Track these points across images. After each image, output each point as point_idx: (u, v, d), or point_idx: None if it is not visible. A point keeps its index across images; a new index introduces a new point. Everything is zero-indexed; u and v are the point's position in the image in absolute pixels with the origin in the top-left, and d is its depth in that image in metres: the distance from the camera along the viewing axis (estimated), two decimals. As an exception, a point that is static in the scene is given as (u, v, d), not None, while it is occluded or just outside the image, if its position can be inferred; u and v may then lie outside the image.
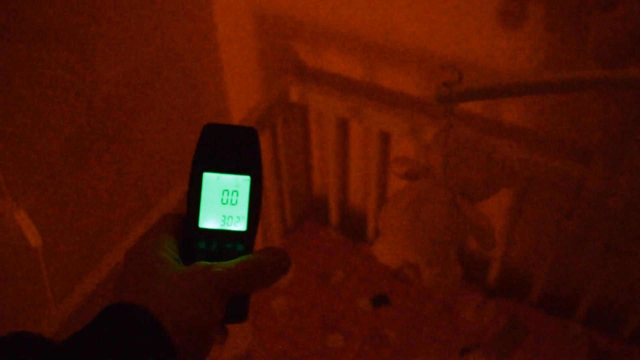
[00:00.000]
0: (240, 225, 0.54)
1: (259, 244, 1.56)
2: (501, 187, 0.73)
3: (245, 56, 1.50)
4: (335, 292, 1.48)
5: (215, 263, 0.51)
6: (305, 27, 1.36)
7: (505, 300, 1.44)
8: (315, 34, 1.35)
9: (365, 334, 1.40)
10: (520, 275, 1.48)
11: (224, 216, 0.54)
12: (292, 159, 1.55)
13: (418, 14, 1.20)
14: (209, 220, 0.54)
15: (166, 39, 1.35)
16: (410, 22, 1.22)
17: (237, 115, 1.64)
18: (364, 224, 1.60)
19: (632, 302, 1.33)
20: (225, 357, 1.37)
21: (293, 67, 1.44)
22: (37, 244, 1.14)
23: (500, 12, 1.08)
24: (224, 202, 0.54)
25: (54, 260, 1.24)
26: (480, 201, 0.75)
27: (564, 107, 1.16)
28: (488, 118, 1.26)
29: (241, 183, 0.54)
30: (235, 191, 0.54)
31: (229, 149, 0.54)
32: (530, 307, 1.42)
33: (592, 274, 1.31)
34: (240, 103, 1.62)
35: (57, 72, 1.13)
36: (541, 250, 1.37)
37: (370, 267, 1.52)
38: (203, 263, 0.51)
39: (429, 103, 1.30)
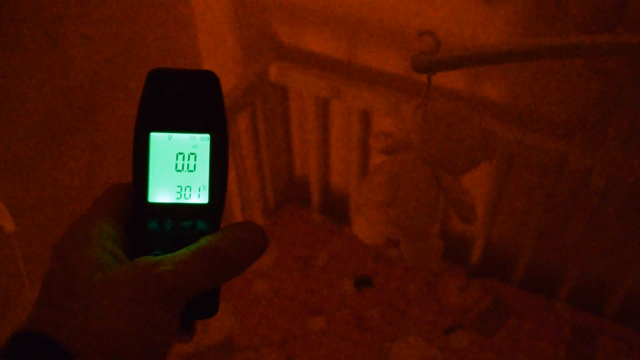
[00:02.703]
0: (202, 197, 0.43)
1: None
2: (482, 161, 0.71)
3: (223, 36, 1.47)
4: (318, 275, 1.47)
5: (162, 258, 0.39)
6: (283, 5, 1.33)
7: (489, 280, 1.43)
8: (293, 12, 1.33)
9: (348, 316, 1.39)
10: (503, 255, 1.48)
11: (179, 187, 0.44)
12: (272, 140, 1.53)
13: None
14: (160, 192, 0.44)
15: (140, 20, 1.32)
16: (390, -2, 1.20)
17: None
18: (346, 205, 1.59)
19: (615, 280, 1.33)
20: (207, 343, 1.35)
21: (272, 47, 1.41)
22: (11, 229, 1.11)
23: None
24: (179, 169, 0.44)
25: (29, 244, 1.21)
26: (460, 175, 0.74)
27: (546, 83, 1.15)
28: (470, 95, 1.24)
29: (200, 143, 0.43)
30: (193, 154, 0.43)
31: (182, 101, 0.43)
32: (513, 287, 1.42)
33: (575, 252, 1.31)
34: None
35: (28, 56, 1.09)
36: (524, 229, 1.36)
37: (353, 249, 1.51)
38: (146, 259, 0.39)
39: (410, 80, 1.28)
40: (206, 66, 1.57)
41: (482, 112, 1.19)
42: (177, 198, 0.44)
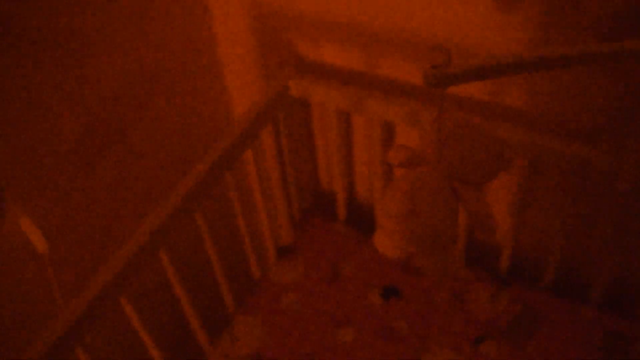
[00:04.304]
0: None
1: (267, 240, 1.56)
2: (499, 172, 0.71)
3: (244, 52, 1.49)
4: (345, 286, 1.47)
5: None
6: (302, 20, 1.34)
7: (518, 287, 1.42)
8: (312, 26, 1.34)
9: (376, 327, 1.39)
10: (532, 262, 1.46)
11: None
12: (296, 154, 1.54)
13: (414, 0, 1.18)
14: None
15: (164, 39, 1.35)
16: (407, 8, 1.20)
17: (239, 111, 1.63)
18: (372, 216, 1.59)
19: (647, 284, 1.30)
20: (235, 355, 1.36)
21: (292, 61, 1.43)
22: (44, 250, 1.14)
23: (497, -7, 1.06)
24: None
25: (62, 264, 1.24)
26: (479, 186, 0.74)
27: (567, 88, 1.14)
28: (490, 103, 1.24)
29: None
30: None
31: None
32: (543, 294, 1.40)
33: (604, 256, 1.29)
34: (241, 99, 1.61)
35: (57, 79, 1.13)
36: (552, 235, 1.35)
37: (379, 260, 1.51)
38: None
39: (430, 90, 1.29)
40: (229, 83, 1.59)
41: (497, 122, 1.19)
42: None
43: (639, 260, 1.31)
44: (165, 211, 1.17)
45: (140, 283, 1.42)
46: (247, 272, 1.56)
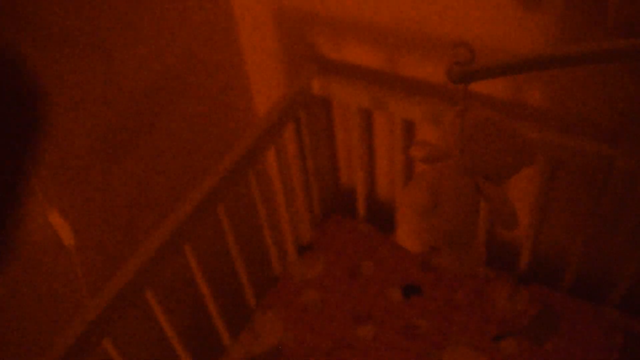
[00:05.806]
0: None
1: (288, 237, 1.57)
2: (521, 167, 0.72)
3: (267, 50, 1.51)
4: (366, 283, 1.48)
5: None
6: (324, 18, 1.36)
7: (538, 287, 1.42)
8: (334, 25, 1.36)
9: (396, 324, 1.40)
10: (552, 261, 1.46)
11: None
12: (317, 152, 1.56)
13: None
14: None
15: (187, 38, 1.37)
16: (429, 7, 1.21)
17: (261, 109, 1.65)
18: (392, 214, 1.60)
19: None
20: (257, 351, 1.38)
21: (314, 60, 1.44)
22: (70, 242, 1.16)
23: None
24: None
25: (88, 257, 1.26)
26: (502, 182, 0.75)
27: (589, 86, 1.14)
28: (510, 101, 1.24)
29: None
30: None
31: None
32: (563, 294, 1.40)
33: (626, 257, 1.29)
34: (263, 97, 1.63)
35: (84, 74, 1.15)
36: (573, 235, 1.35)
37: (400, 257, 1.52)
38: None
39: (451, 88, 1.29)
40: (252, 82, 1.61)
41: (518, 121, 1.19)
42: None
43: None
44: (189, 207, 1.19)
45: (164, 279, 1.44)
46: (268, 268, 1.58)
